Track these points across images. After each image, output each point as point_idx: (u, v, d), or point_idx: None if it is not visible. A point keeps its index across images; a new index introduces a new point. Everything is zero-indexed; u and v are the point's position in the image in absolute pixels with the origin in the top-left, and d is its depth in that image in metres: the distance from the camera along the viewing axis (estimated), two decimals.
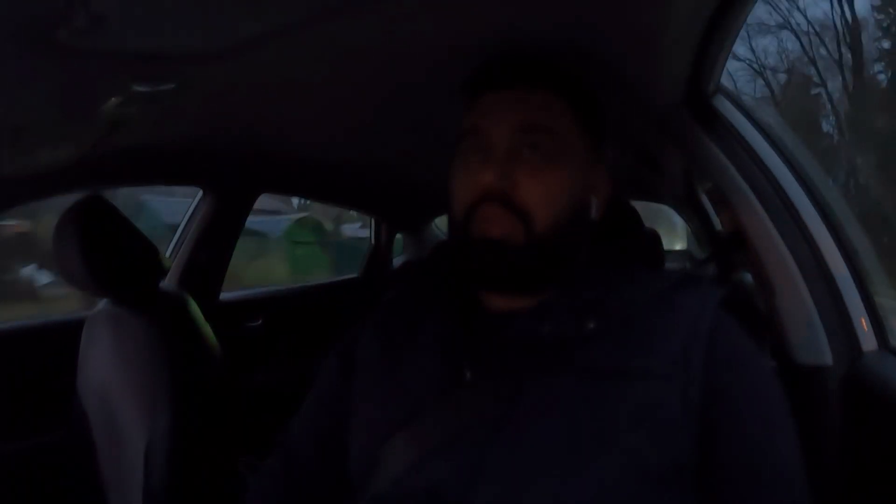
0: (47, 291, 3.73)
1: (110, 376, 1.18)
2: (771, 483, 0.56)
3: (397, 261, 2.68)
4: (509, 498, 0.55)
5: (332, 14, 0.68)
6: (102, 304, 1.29)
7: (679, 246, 4.16)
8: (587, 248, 0.69)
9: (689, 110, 0.92)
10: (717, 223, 1.92)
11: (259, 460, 0.80)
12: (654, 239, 0.95)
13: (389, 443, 0.61)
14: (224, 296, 1.86)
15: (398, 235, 2.65)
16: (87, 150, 1.17)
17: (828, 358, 0.80)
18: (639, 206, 0.98)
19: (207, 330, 1.27)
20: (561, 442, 0.55)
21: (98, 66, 0.74)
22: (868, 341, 0.80)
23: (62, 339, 1.34)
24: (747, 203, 0.87)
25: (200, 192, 1.72)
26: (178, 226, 1.77)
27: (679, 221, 3.41)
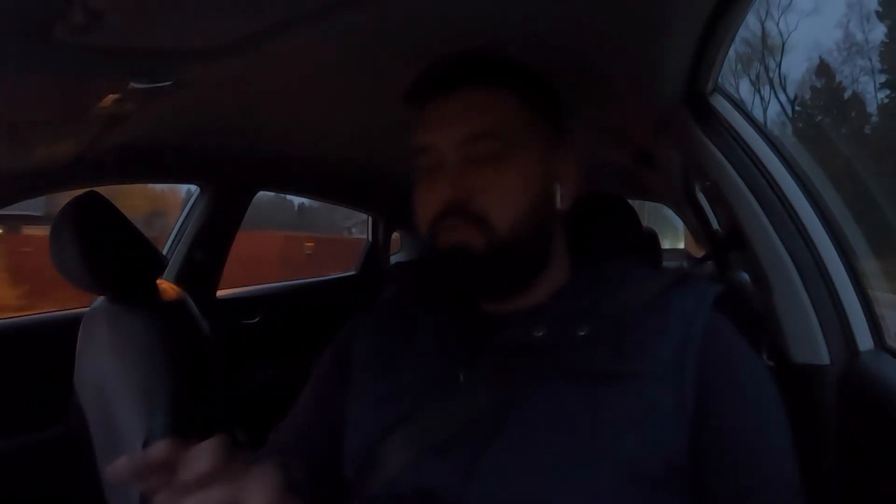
0: None
1: (107, 373, 1.17)
2: (766, 484, 0.56)
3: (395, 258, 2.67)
4: (503, 500, 0.55)
5: (329, 12, 0.68)
6: (100, 300, 1.29)
7: (680, 245, 4.16)
8: (560, 238, 0.68)
9: (687, 109, 0.92)
10: (715, 222, 1.92)
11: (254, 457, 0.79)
12: (652, 237, 0.95)
13: (384, 443, 0.61)
14: (221, 293, 1.86)
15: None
16: (84, 146, 1.17)
17: (825, 357, 0.80)
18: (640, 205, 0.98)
19: (205, 327, 1.27)
20: (554, 444, 0.55)
21: (96, 62, 0.74)
22: (864, 340, 0.80)
23: (59, 335, 1.34)
24: (745, 201, 0.87)
25: (198, 190, 1.71)
26: None
27: (680, 222, 3.41)
